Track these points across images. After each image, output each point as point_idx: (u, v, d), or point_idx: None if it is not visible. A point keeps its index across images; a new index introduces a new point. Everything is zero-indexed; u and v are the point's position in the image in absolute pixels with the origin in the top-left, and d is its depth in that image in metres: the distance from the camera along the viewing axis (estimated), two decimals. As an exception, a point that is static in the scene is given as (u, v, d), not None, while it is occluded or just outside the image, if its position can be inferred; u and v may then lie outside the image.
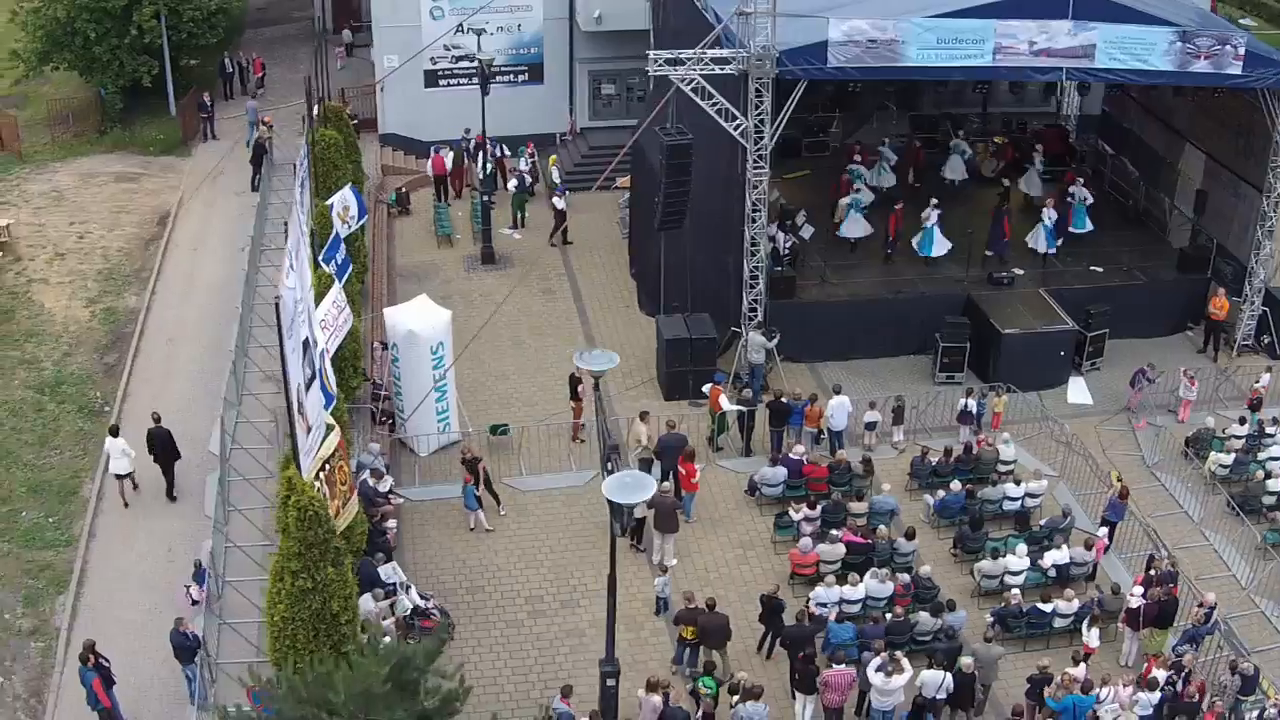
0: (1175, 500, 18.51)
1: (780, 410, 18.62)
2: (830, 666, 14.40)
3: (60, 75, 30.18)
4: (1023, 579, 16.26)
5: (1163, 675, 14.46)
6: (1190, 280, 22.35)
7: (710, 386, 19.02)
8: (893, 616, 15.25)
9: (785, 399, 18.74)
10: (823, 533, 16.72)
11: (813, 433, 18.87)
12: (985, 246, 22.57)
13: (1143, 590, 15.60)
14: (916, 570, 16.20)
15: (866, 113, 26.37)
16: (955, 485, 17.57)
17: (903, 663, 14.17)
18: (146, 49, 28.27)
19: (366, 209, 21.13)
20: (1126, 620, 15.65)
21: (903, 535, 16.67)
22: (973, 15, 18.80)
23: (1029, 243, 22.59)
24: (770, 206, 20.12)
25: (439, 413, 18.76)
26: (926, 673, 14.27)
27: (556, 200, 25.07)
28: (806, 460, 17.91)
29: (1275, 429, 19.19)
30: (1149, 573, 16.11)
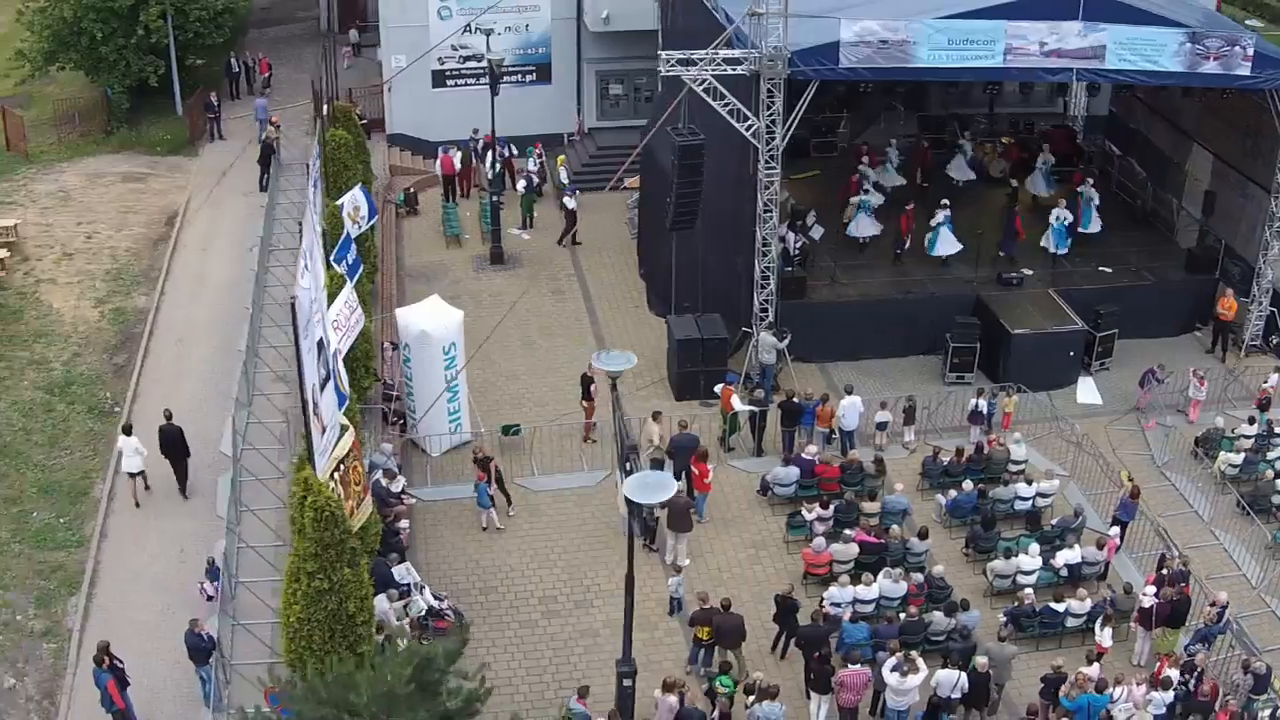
0: (1185, 500, 18.54)
1: (792, 410, 18.63)
2: (845, 666, 14.43)
3: (65, 75, 30.03)
4: (1035, 579, 16.30)
5: (1175, 674, 14.49)
6: (1198, 281, 22.40)
7: (722, 387, 19.02)
8: (907, 616, 15.28)
9: (797, 399, 18.76)
10: (836, 533, 16.75)
11: (824, 433, 18.89)
12: (998, 247, 22.58)
13: (1155, 590, 15.64)
14: (929, 570, 16.23)
15: (874, 113, 26.37)
16: (967, 485, 17.60)
17: (918, 662, 14.20)
18: (153, 49, 28.17)
19: (377, 209, 21.11)
20: (1139, 620, 15.68)
21: (915, 535, 16.71)
22: (983, 16, 18.86)
23: (1043, 244, 22.54)
24: (780, 207, 20.13)
25: (450, 413, 18.76)
26: (941, 672, 14.31)
27: (567, 200, 25.04)
28: (819, 460, 17.95)
29: (1284, 429, 19.26)
30: (1160, 572, 16.15)
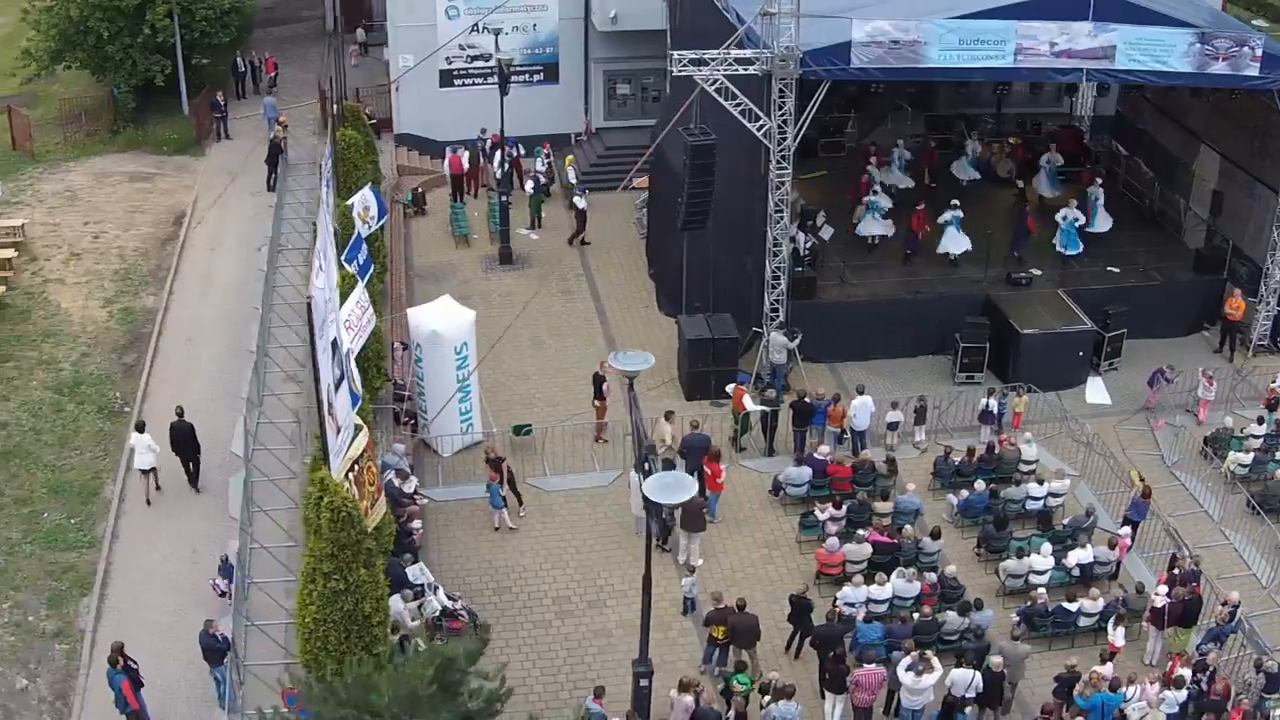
0: (1195, 500, 18.57)
1: (804, 410, 18.65)
2: (859, 666, 14.45)
3: (70, 74, 29.97)
4: (1047, 578, 16.34)
5: (1187, 674, 14.53)
6: (1206, 281, 22.43)
7: (733, 386, 19.05)
8: (920, 616, 15.30)
9: (808, 399, 18.78)
10: (849, 533, 16.78)
11: (835, 433, 18.90)
12: (1010, 247, 22.60)
13: (1167, 589, 15.69)
14: (942, 570, 16.26)
15: (881, 113, 26.39)
16: (979, 485, 17.62)
17: (933, 662, 14.23)
18: (159, 48, 28.12)
19: (386, 209, 21.10)
20: (1151, 619, 15.72)
21: (928, 535, 16.73)
22: (994, 16, 18.88)
23: (1056, 246, 22.49)
24: (789, 207, 20.13)
25: (462, 413, 18.76)
26: (956, 671, 14.33)
27: (578, 200, 25.04)
28: (831, 460, 17.97)
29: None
30: (1172, 572, 16.19)
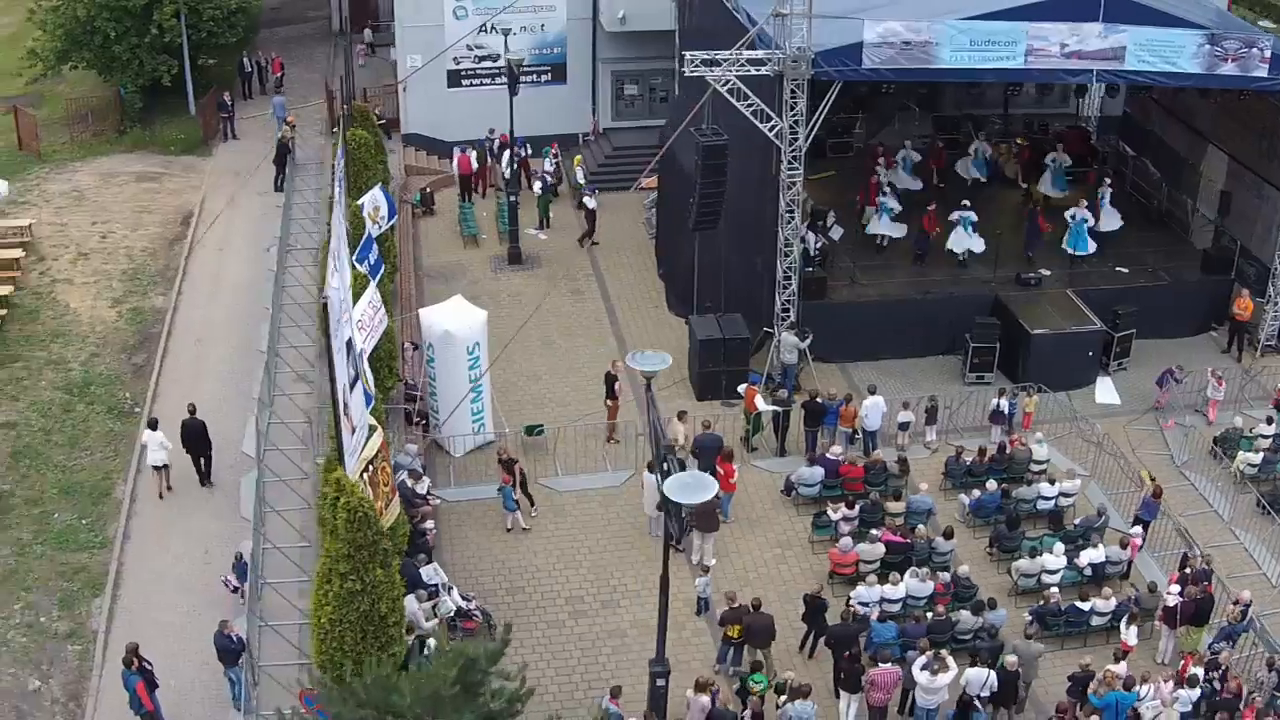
0: (1205, 499, 18.62)
1: (815, 410, 18.67)
2: (874, 665, 14.47)
3: (75, 74, 29.96)
4: (1059, 578, 16.37)
5: (1200, 673, 14.57)
6: (1214, 281, 22.47)
7: (745, 387, 19.07)
8: (934, 615, 15.34)
9: (820, 399, 18.80)
10: (861, 532, 16.80)
11: (847, 433, 18.93)
12: (1024, 247, 22.65)
13: (1179, 588, 15.73)
14: (955, 569, 16.29)
15: (888, 114, 26.41)
16: (991, 485, 17.65)
17: (948, 661, 14.27)
18: (166, 48, 28.12)
19: (396, 209, 21.10)
20: (1164, 618, 15.76)
21: (940, 535, 16.77)
22: (1005, 18, 18.92)
23: (1066, 247, 22.51)
24: (799, 207, 20.14)
25: (474, 413, 18.76)
26: (971, 670, 14.36)
27: (588, 200, 25.04)
28: (843, 460, 17.99)
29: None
30: (1184, 571, 16.23)
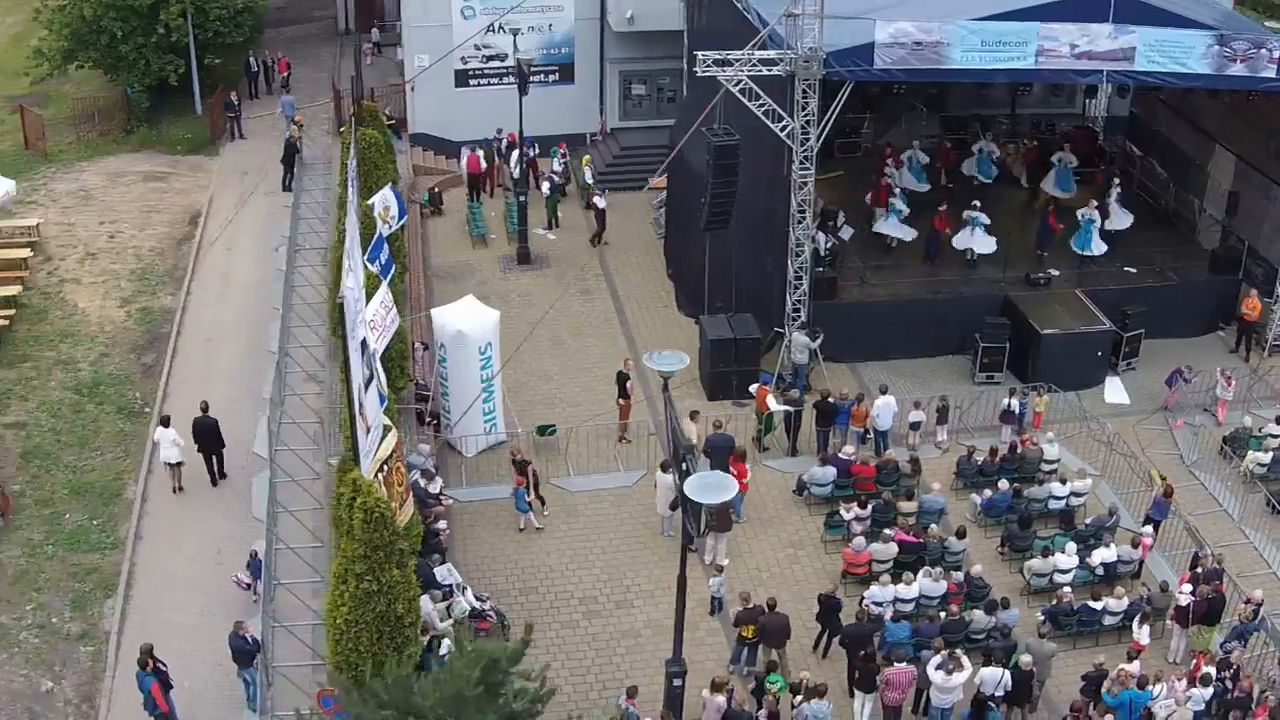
0: (1215, 499, 18.66)
1: (827, 410, 18.69)
2: (889, 665, 14.49)
3: (81, 74, 29.95)
4: (1071, 577, 16.41)
5: (1213, 671, 14.61)
6: (1222, 281, 22.51)
7: (757, 386, 19.08)
8: (947, 615, 15.37)
9: (832, 399, 18.82)
10: (874, 532, 16.82)
11: (858, 432, 18.95)
12: (1035, 246, 22.70)
13: (1191, 588, 15.77)
14: (969, 569, 16.32)
15: (896, 114, 26.44)
16: (1003, 484, 17.68)
17: (963, 660, 14.29)
18: (172, 47, 28.09)
19: (406, 209, 21.10)
20: (1175, 617, 15.80)
21: (953, 534, 16.79)
22: (1016, 18, 18.95)
23: (1074, 247, 22.54)
24: (810, 207, 20.17)
25: (485, 413, 18.77)
26: (985, 670, 14.39)
27: (598, 200, 25.05)
28: (855, 460, 18.02)
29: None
30: (1195, 570, 16.27)
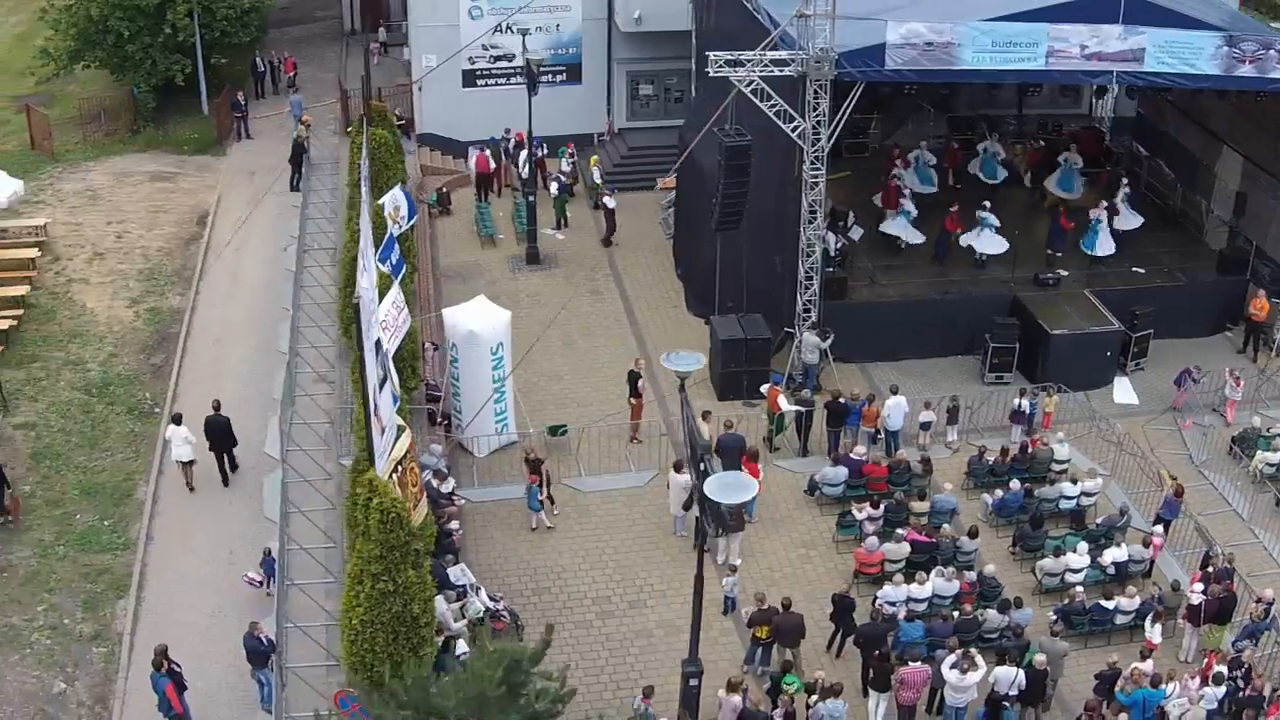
0: (1224, 499, 18.71)
1: (838, 410, 18.71)
2: (902, 664, 14.52)
3: (86, 74, 29.91)
4: (1083, 576, 16.46)
5: (1225, 670, 14.66)
6: (1229, 282, 22.56)
7: (768, 386, 19.11)
8: (960, 614, 15.40)
9: (843, 399, 18.85)
10: (887, 532, 16.85)
11: (869, 433, 18.98)
12: (1046, 245, 22.73)
13: (1203, 587, 15.81)
14: (981, 569, 16.36)
15: (903, 114, 26.46)
16: (1014, 484, 17.72)
17: (977, 660, 14.33)
18: (179, 47, 28.05)
19: (416, 209, 21.09)
20: (1187, 616, 15.85)
21: (965, 534, 16.83)
22: (1026, 19, 18.99)
23: (1084, 248, 22.57)
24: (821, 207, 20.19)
25: (497, 414, 18.78)
26: (1000, 669, 14.43)
27: (608, 200, 25.05)
28: (867, 460, 18.04)
29: (1320, 428, 19.45)
30: (1206, 570, 16.32)
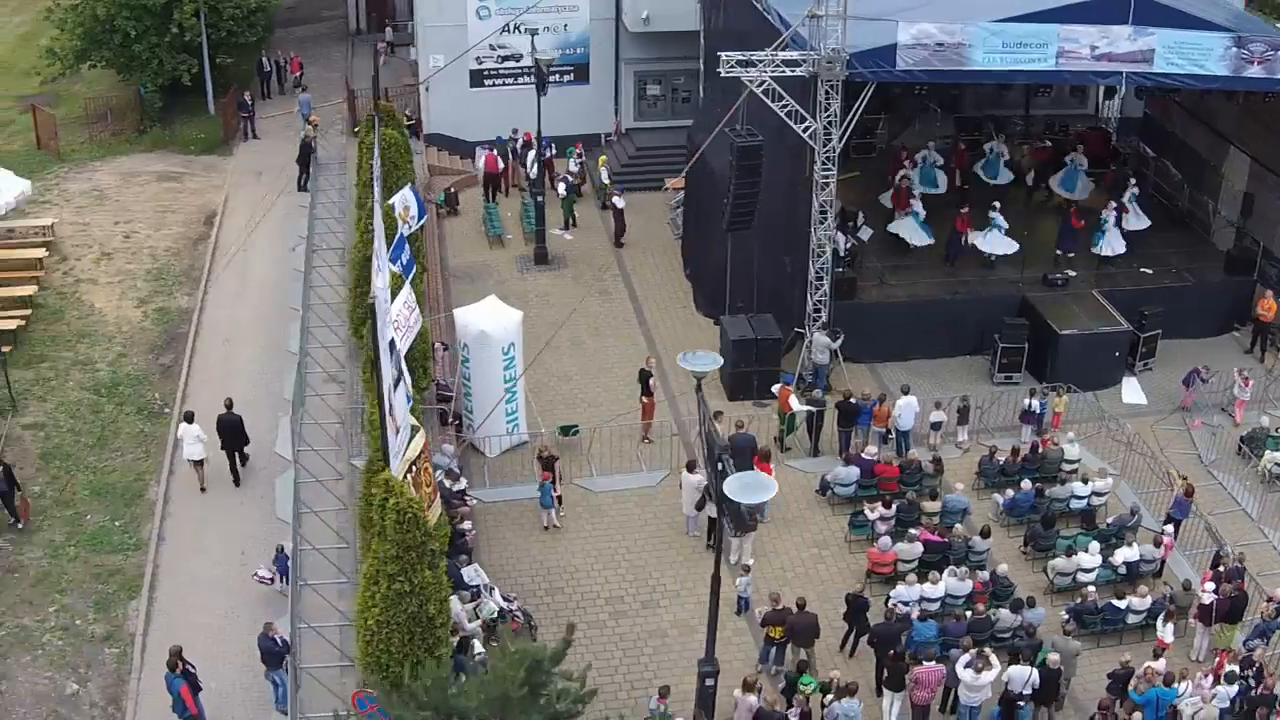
0: (1233, 499, 18.76)
1: (849, 410, 18.74)
2: (917, 664, 14.55)
3: (91, 74, 29.85)
4: (1094, 576, 16.50)
5: (1237, 669, 14.70)
6: (1237, 282, 22.60)
7: (779, 387, 19.13)
8: (973, 614, 15.44)
9: (854, 399, 18.87)
10: (899, 532, 16.88)
11: (880, 432, 19.01)
12: (1057, 246, 22.76)
13: (1214, 586, 15.86)
14: (994, 568, 16.39)
15: (910, 115, 26.49)
16: (1026, 484, 17.76)
17: (991, 659, 14.37)
18: (185, 47, 28.02)
19: (426, 209, 21.08)
20: (1199, 616, 15.90)
21: (977, 534, 16.86)
22: (1037, 20, 19.02)
23: (1095, 248, 22.57)
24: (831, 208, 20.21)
25: (508, 414, 18.78)
26: (1014, 668, 14.48)
27: (617, 200, 25.06)
28: (879, 460, 18.07)
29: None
30: (1216, 569, 16.37)
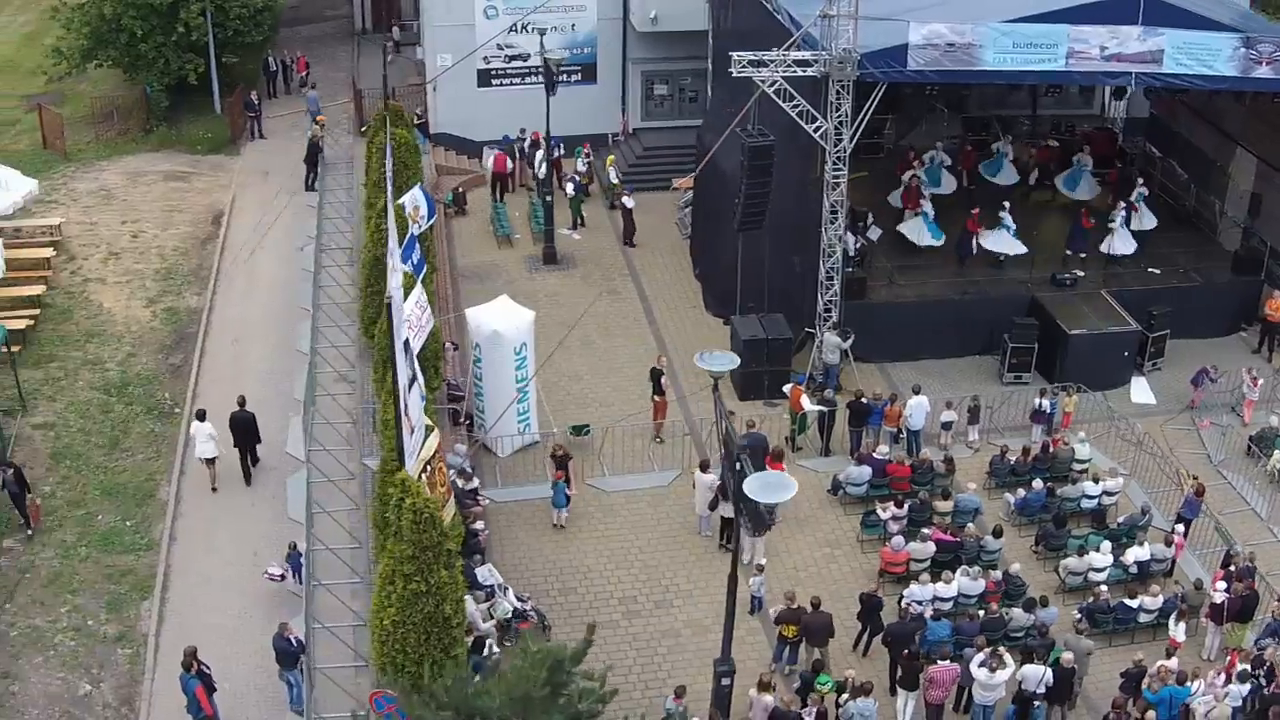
0: (1243, 498, 18.82)
1: (860, 410, 18.77)
2: (931, 663, 14.58)
3: (98, 73, 29.83)
4: (1106, 575, 16.54)
5: (1247, 668, 14.75)
6: (1244, 282, 22.65)
7: (791, 386, 19.16)
8: (986, 613, 15.47)
9: (866, 399, 18.90)
10: (912, 531, 16.92)
11: (891, 432, 19.05)
12: (1067, 246, 22.81)
13: (1225, 585, 15.91)
14: (1007, 567, 16.44)
15: (917, 115, 26.52)
16: (1037, 484, 17.81)
17: (1005, 658, 14.41)
18: (192, 46, 27.98)
19: (435, 209, 21.08)
20: (1210, 615, 15.96)
21: (989, 533, 16.90)
22: (1047, 20, 19.06)
23: (1105, 249, 22.60)
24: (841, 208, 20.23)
25: (520, 414, 18.79)
26: (1027, 667, 14.51)
27: (626, 200, 25.07)
28: (890, 459, 18.10)
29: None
30: (1227, 568, 16.42)
